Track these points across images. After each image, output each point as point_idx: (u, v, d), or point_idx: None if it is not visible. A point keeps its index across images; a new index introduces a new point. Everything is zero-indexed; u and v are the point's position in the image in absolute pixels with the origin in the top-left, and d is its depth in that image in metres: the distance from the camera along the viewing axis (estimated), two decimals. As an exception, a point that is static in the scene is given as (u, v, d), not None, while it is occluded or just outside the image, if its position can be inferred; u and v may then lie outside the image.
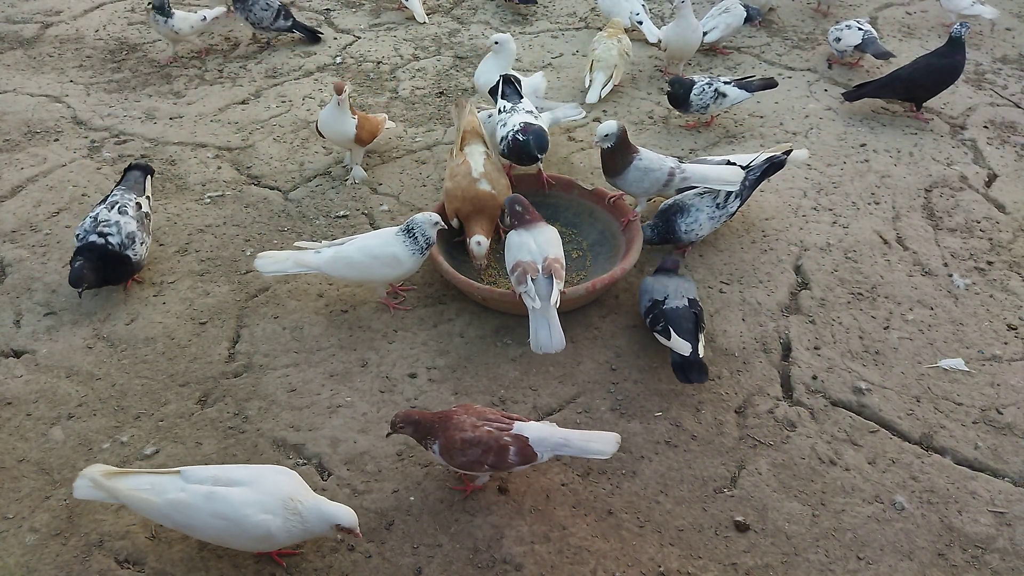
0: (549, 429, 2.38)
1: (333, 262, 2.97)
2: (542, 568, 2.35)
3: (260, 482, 2.20)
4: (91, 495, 2.25)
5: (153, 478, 2.24)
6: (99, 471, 2.24)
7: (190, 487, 2.18)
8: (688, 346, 2.76)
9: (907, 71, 4.31)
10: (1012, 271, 3.45)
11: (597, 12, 5.44)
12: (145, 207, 3.28)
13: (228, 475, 2.22)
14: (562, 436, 2.37)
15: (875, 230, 3.64)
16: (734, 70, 4.89)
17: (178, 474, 2.24)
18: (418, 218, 2.98)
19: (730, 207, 3.34)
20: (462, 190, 3.22)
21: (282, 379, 2.89)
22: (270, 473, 2.25)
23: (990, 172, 4.07)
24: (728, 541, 2.43)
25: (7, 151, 4.06)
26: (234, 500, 2.15)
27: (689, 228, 3.29)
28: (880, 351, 3.06)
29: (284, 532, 2.15)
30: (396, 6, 5.58)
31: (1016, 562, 2.39)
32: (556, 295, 2.76)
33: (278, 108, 4.46)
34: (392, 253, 2.97)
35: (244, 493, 2.16)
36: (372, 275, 3.03)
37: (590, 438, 2.40)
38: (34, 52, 4.97)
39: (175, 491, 2.18)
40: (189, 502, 2.16)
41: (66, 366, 2.93)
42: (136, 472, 2.29)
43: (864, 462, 2.66)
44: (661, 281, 3.00)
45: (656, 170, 3.21)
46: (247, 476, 2.22)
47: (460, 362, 2.96)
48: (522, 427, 2.36)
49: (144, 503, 2.19)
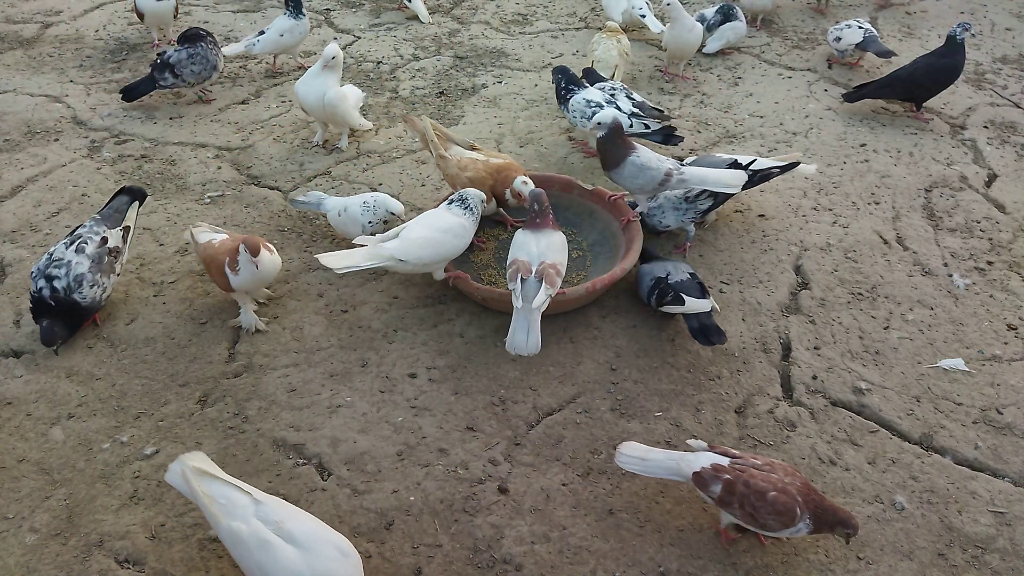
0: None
1: (408, 246, 2.96)
2: (542, 568, 2.35)
3: (316, 555, 2.05)
4: (176, 484, 2.23)
5: (231, 493, 2.16)
6: (194, 462, 2.20)
7: (253, 523, 2.09)
8: (708, 303, 2.89)
9: (906, 71, 4.31)
10: (1012, 271, 3.45)
11: (597, 12, 5.44)
12: (115, 241, 3.10)
13: (292, 526, 2.10)
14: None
15: (875, 230, 3.64)
16: (734, 70, 4.89)
17: (250, 496, 2.16)
18: (470, 191, 3.12)
19: (700, 204, 3.36)
20: (484, 169, 3.32)
21: (282, 379, 2.89)
22: (330, 549, 2.08)
23: (990, 172, 4.07)
24: (728, 541, 2.43)
25: (7, 151, 4.06)
26: (280, 562, 2.03)
27: (652, 212, 3.36)
28: (880, 351, 3.06)
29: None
30: (396, 6, 5.58)
31: (1016, 562, 2.39)
32: (542, 299, 2.77)
33: (278, 108, 4.46)
34: (459, 223, 3.05)
35: (294, 558, 2.03)
36: (446, 250, 3.04)
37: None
38: (34, 52, 4.97)
39: (239, 520, 2.10)
40: (244, 541, 2.07)
41: (66, 366, 2.93)
42: (221, 479, 2.20)
43: (864, 462, 2.66)
44: (658, 264, 3.12)
45: (652, 169, 3.20)
46: (309, 538, 2.08)
47: (460, 362, 2.96)
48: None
49: (211, 516, 2.13)
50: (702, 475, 2.31)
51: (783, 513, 2.21)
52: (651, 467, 2.42)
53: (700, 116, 4.43)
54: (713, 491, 2.30)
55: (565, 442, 2.68)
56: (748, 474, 2.27)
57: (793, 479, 2.27)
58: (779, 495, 2.22)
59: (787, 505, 2.21)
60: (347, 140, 4.11)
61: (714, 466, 2.31)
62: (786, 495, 2.22)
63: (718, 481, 2.28)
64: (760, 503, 2.23)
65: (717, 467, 2.31)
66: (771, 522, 2.23)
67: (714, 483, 2.29)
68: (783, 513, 2.21)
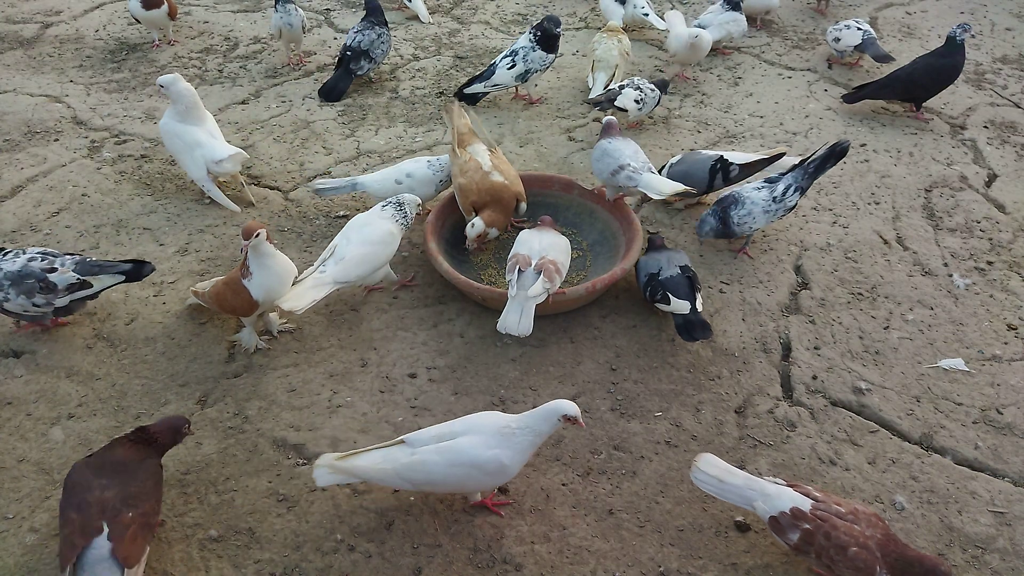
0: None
1: (346, 267, 2.98)
2: (542, 568, 2.35)
3: (474, 426, 2.34)
4: (332, 480, 2.35)
5: (382, 452, 2.36)
6: (331, 458, 2.36)
7: (420, 450, 2.32)
8: (687, 304, 2.93)
9: (906, 71, 4.32)
10: (1012, 271, 3.46)
11: (597, 12, 5.44)
12: (62, 280, 2.84)
13: (445, 431, 2.36)
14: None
15: (875, 230, 3.64)
16: (734, 70, 4.89)
17: (403, 443, 2.37)
18: (405, 196, 3.16)
19: (788, 200, 3.32)
20: (476, 183, 3.28)
21: (282, 379, 2.89)
22: (476, 418, 2.39)
23: (990, 172, 4.07)
24: (728, 541, 2.43)
25: (7, 151, 4.06)
26: (463, 448, 2.29)
27: (742, 220, 3.31)
28: (880, 351, 3.06)
29: (515, 456, 2.30)
30: (396, 6, 5.58)
31: (1016, 562, 2.39)
32: (538, 289, 2.82)
33: (278, 108, 4.46)
34: (387, 230, 3.08)
35: (467, 440, 2.31)
36: (379, 260, 3.07)
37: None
38: (34, 52, 4.97)
39: (407, 457, 2.31)
40: (425, 460, 2.29)
41: (66, 366, 2.93)
42: (364, 451, 2.38)
43: (864, 462, 2.66)
44: (654, 257, 3.13)
45: (611, 158, 3.33)
46: (461, 427, 2.36)
47: (460, 362, 2.96)
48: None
49: (382, 473, 2.32)
50: (780, 521, 2.22)
51: (861, 570, 2.14)
52: (727, 492, 2.33)
53: (700, 116, 4.43)
54: (790, 539, 2.21)
55: (565, 442, 2.68)
56: (830, 524, 2.17)
57: (875, 531, 2.18)
58: (860, 551, 2.13)
59: (867, 562, 2.13)
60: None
61: (794, 511, 2.21)
62: (867, 551, 2.14)
63: (796, 529, 2.19)
64: (840, 557, 2.15)
65: (797, 513, 2.20)
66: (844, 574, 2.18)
67: (792, 531, 2.20)
68: (861, 570, 2.14)
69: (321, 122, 4.33)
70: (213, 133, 3.65)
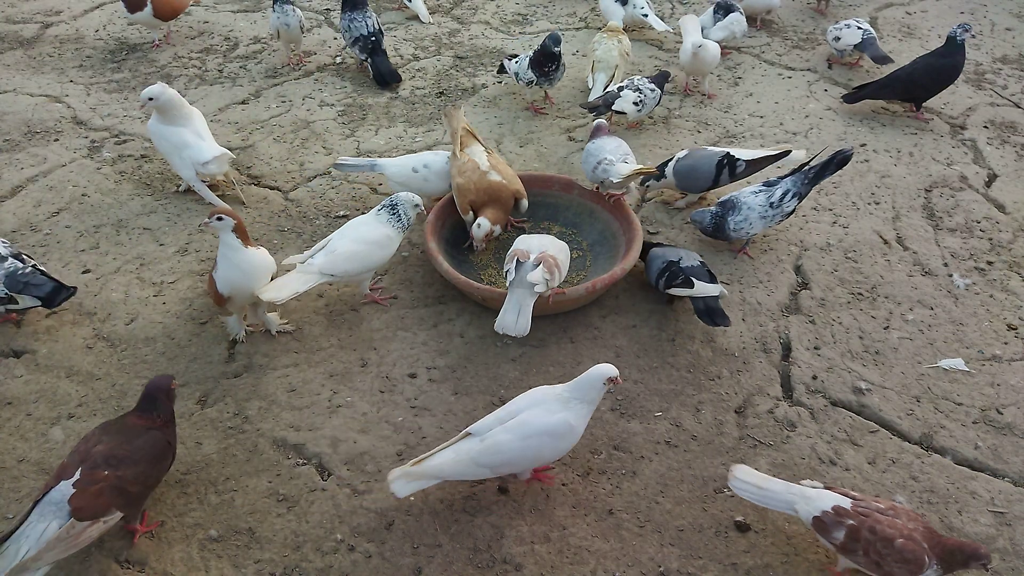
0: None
1: (334, 261, 2.97)
2: (542, 568, 2.35)
3: (532, 401, 2.42)
4: (411, 488, 2.38)
5: (452, 448, 2.40)
6: (404, 469, 2.38)
7: (489, 434, 2.38)
8: (717, 287, 2.99)
9: (906, 71, 4.32)
10: (1012, 271, 3.46)
11: (597, 12, 5.44)
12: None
13: (504, 414, 2.42)
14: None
15: (875, 230, 3.64)
16: (734, 70, 4.89)
17: (468, 435, 2.42)
18: (401, 195, 3.12)
19: (785, 206, 3.33)
20: (474, 183, 3.29)
21: (282, 379, 2.89)
22: (530, 395, 2.46)
23: (990, 172, 4.07)
24: (728, 541, 2.43)
25: (7, 151, 4.06)
26: (530, 420, 2.37)
27: (738, 226, 3.33)
28: (880, 351, 3.06)
29: (578, 419, 2.39)
30: (396, 6, 5.58)
31: (1016, 562, 2.39)
32: (538, 275, 2.81)
33: (278, 108, 4.46)
34: (385, 234, 3.07)
35: (530, 413, 2.38)
36: (372, 262, 3.07)
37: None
38: (34, 52, 4.97)
39: (479, 444, 2.37)
40: (498, 441, 2.36)
41: (66, 366, 2.93)
42: (433, 453, 2.41)
43: (864, 462, 2.66)
44: (670, 249, 3.19)
45: (592, 156, 3.42)
46: (518, 406, 2.42)
47: (460, 362, 2.96)
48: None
49: (459, 465, 2.36)
50: (823, 520, 2.20)
51: (911, 561, 2.13)
52: (767, 498, 2.32)
53: (700, 116, 4.43)
54: (835, 537, 2.19)
55: (565, 442, 2.68)
56: (873, 519, 2.17)
57: (916, 524, 2.18)
58: (907, 542, 2.13)
59: (915, 553, 2.12)
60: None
61: (836, 509, 2.20)
62: (913, 542, 2.13)
63: (841, 527, 2.17)
64: (887, 550, 2.13)
65: (839, 510, 2.20)
66: (898, 570, 2.14)
67: (837, 529, 2.18)
68: (911, 561, 2.13)
69: (321, 122, 4.33)
70: (201, 133, 3.65)
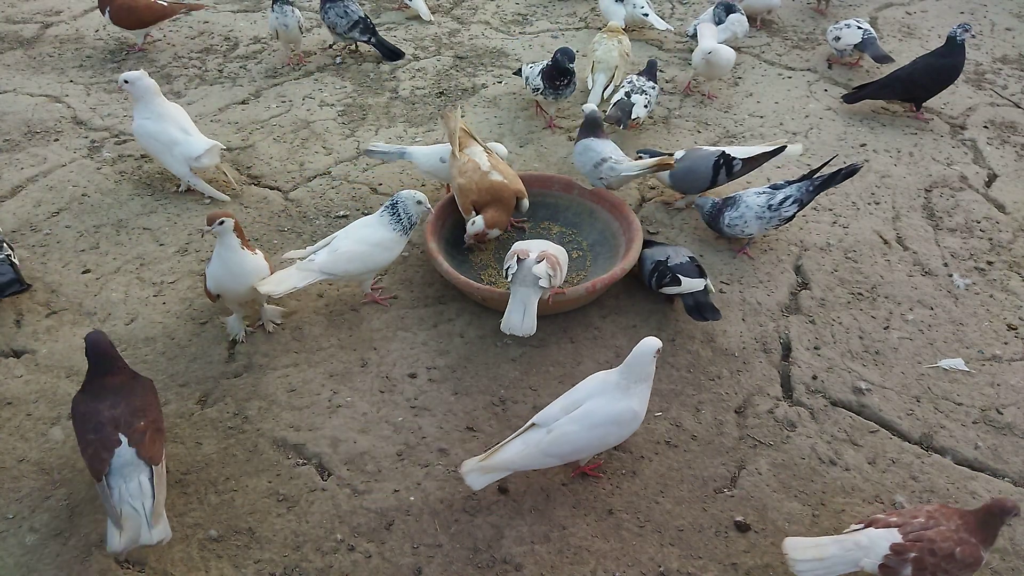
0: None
1: (335, 260, 2.97)
2: (542, 568, 2.35)
3: (593, 390, 2.46)
4: (485, 480, 2.42)
5: (520, 440, 2.44)
6: (476, 462, 2.42)
7: (555, 425, 2.42)
8: (702, 281, 3.03)
9: (906, 71, 4.31)
10: (1012, 271, 3.46)
11: (597, 12, 5.44)
12: None
13: (568, 403, 2.46)
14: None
15: (875, 230, 3.64)
16: (734, 70, 4.89)
17: (534, 426, 2.45)
18: (402, 195, 3.09)
19: (784, 210, 3.31)
20: (476, 183, 3.29)
21: (282, 379, 2.89)
22: (590, 382, 2.50)
23: (990, 172, 4.07)
24: (728, 541, 2.43)
25: (7, 151, 4.06)
26: (595, 410, 2.42)
27: (732, 222, 3.35)
28: (880, 351, 3.06)
29: (641, 403, 2.45)
30: (397, 6, 5.58)
31: (1016, 562, 2.39)
32: (542, 269, 2.80)
33: (278, 108, 4.46)
34: (389, 236, 3.06)
35: (594, 403, 2.43)
36: (374, 263, 3.06)
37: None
38: (34, 52, 4.97)
39: (546, 436, 2.40)
40: (565, 432, 2.40)
41: (66, 366, 2.93)
42: (502, 445, 2.44)
43: (864, 462, 2.66)
44: (659, 248, 3.19)
45: (592, 152, 3.46)
46: (581, 395, 2.46)
47: (460, 362, 2.96)
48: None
49: (529, 457, 2.40)
50: (889, 566, 2.17)
51: (972, 564, 2.15)
52: (834, 566, 2.23)
53: (700, 116, 4.43)
54: (904, 575, 2.17)
55: (565, 442, 2.68)
56: (927, 540, 2.16)
57: (953, 520, 2.19)
58: (964, 548, 2.14)
59: (974, 554, 2.15)
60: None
61: (894, 548, 2.17)
62: (968, 544, 2.15)
63: (906, 563, 2.16)
64: (950, 564, 2.14)
65: (897, 548, 2.17)
66: (961, 574, 2.17)
67: (903, 567, 2.16)
68: (972, 564, 2.15)
69: (321, 122, 4.33)
70: (186, 128, 3.67)
